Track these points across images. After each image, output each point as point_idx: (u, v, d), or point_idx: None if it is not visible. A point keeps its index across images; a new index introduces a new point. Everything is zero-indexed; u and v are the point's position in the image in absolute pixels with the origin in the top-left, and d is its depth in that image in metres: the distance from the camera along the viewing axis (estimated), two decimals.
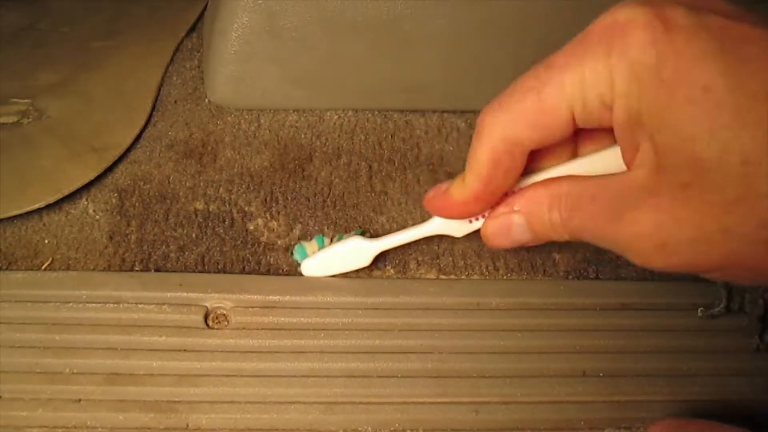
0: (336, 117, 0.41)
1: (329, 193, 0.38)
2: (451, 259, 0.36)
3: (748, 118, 0.22)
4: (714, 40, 0.22)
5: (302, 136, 0.40)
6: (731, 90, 0.22)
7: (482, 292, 0.34)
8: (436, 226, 0.32)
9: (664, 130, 0.23)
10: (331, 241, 0.35)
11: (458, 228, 0.31)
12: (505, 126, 0.27)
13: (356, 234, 0.34)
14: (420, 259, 0.36)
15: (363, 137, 0.40)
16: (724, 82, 0.22)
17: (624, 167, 0.26)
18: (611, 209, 0.26)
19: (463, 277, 0.35)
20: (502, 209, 0.29)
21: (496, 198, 0.29)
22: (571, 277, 0.36)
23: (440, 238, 0.36)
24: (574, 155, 0.29)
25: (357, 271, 0.34)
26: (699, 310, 0.34)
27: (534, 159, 0.29)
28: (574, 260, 0.36)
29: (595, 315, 0.34)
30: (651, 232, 0.24)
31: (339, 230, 0.37)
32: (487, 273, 0.35)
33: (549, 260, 0.36)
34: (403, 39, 0.39)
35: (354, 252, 0.34)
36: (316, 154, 0.39)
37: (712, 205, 0.23)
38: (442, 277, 0.35)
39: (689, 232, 0.24)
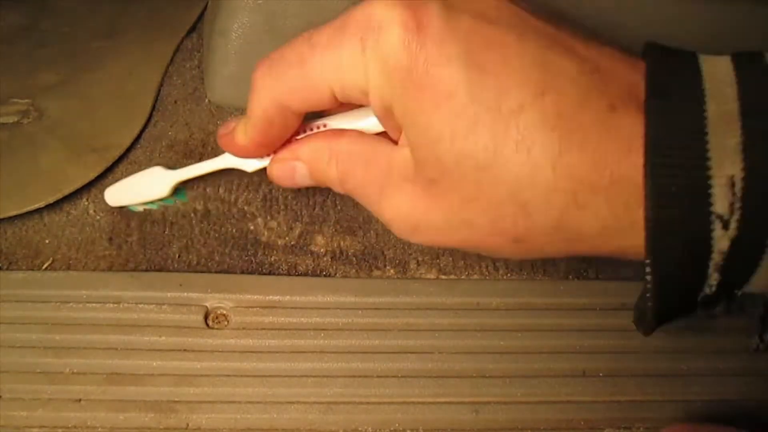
0: None
1: (329, 193, 0.38)
2: (451, 259, 0.36)
3: (481, 128, 0.23)
4: (462, 46, 0.24)
5: None
6: (470, 99, 0.23)
7: (482, 292, 0.34)
8: (228, 159, 0.33)
9: (415, 129, 0.25)
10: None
11: (248, 164, 0.33)
12: (272, 91, 0.28)
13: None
14: (420, 259, 0.36)
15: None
16: (465, 91, 0.23)
17: None
18: (378, 183, 0.28)
19: (463, 277, 0.35)
20: (285, 154, 0.31)
21: (275, 146, 0.31)
22: (571, 277, 0.36)
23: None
24: None
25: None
26: (700, 311, 0.34)
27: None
28: (574, 260, 0.36)
29: (595, 315, 0.34)
30: (406, 215, 0.27)
31: (339, 230, 0.36)
32: (487, 273, 0.35)
33: (549, 260, 0.36)
34: None
35: (153, 179, 0.35)
36: None
37: (453, 201, 0.25)
38: (442, 277, 0.35)
39: (437, 220, 0.26)
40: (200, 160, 0.39)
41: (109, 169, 0.38)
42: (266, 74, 0.28)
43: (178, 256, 0.35)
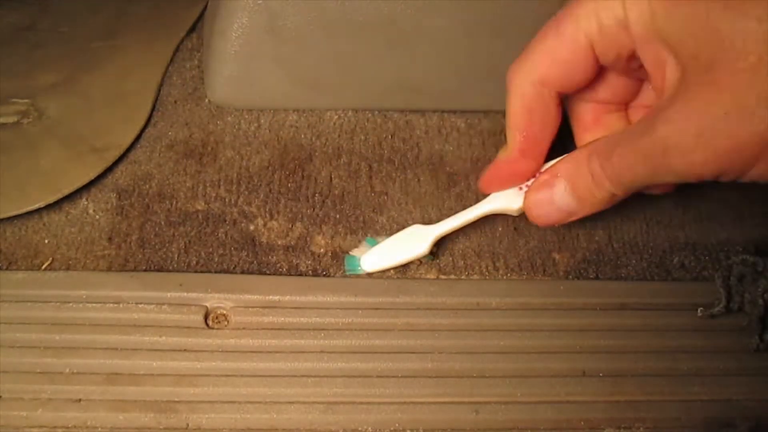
0: (336, 117, 0.41)
1: (329, 193, 0.38)
2: (451, 259, 0.36)
3: None
4: None
5: (302, 136, 0.40)
6: None
7: (482, 292, 0.34)
8: (491, 201, 0.32)
9: (679, 21, 0.24)
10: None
11: (513, 200, 0.31)
12: (529, 70, 0.28)
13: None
14: (420, 259, 0.36)
15: (363, 137, 0.40)
16: None
17: None
18: (646, 125, 0.25)
19: (463, 277, 0.35)
20: (544, 176, 0.30)
21: (540, 152, 0.30)
22: (571, 277, 0.36)
23: (440, 239, 0.36)
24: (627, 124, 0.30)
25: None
26: (699, 310, 0.34)
27: (584, 132, 0.31)
28: (574, 260, 0.36)
29: (595, 315, 0.34)
30: (686, 122, 0.24)
31: (339, 230, 0.36)
32: (487, 273, 0.35)
33: (549, 260, 0.36)
34: (403, 39, 0.39)
35: (412, 239, 0.34)
36: (316, 154, 0.39)
37: (740, 72, 0.22)
38: (442, 277, 0.35)
39: (724, 107, 0.23)
40: (200, 160, 0.39)
41: (109, 169, 0.38)
42: (519, 61, 0.28)
43: (178, 256, 0.35)
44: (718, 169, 0.24)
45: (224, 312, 0.33)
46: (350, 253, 0.35)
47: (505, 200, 0.32)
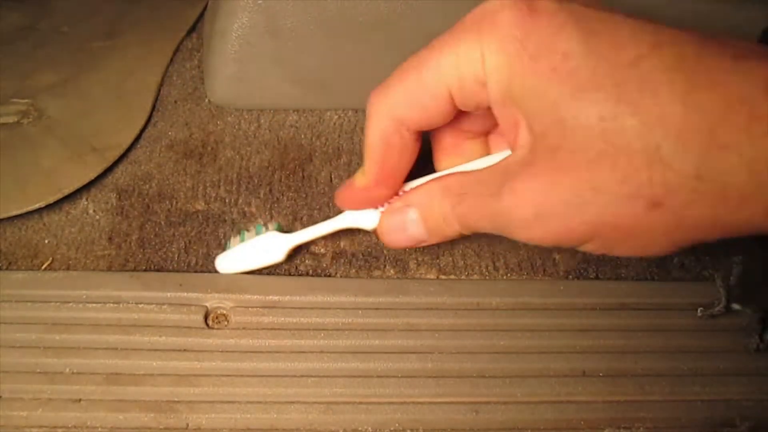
0: (336, 117, 0.41)
1: (329, 193, 0.38)
2: (451, 259, 0.36)
3: (601, 79, 0.23)
4: (572, 18, 0.24)
5: (302, 136, 0.40)
6: (587, 55, 0.24)
7: (482, 292, 0.34)
8: (346, 218, 0.33)
9: (533, 98, 0.25)
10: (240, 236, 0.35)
11: (368, 219, 0.32)
12: (390, 106, 0.28)
13: (274, 228, 0.34)
14: (420, 259, 0.36)
15: (363, 137, 0.40)
16: (581, 49, 0.24)
17: None
18: (494, 186, 0.27)
19: (463, 277, 0.35)
20: (397, 204, 0.31)
21: (395, 182, 0.30)
22: (571, 277, 0.36)
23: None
24: (486, 153, 0.31)
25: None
26: (699, 310, 0.34)
27: (444, 157, 0.31)
28: (574, 260, 0.36)
29: (595, 315, 0.34)
30: (528, 199, 0.26)
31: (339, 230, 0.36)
32: (487, 273, 0.35)
33: (549, 260, 0.36)
34: (403, 39, 0.39)
35: (268, 246, 0.34)
36: (316, 154, 0.39)
37: (579, 164, 0.24)
38: (442, 277, 0.35)
39: (562, 194, 0.25)
40: (200, 160, 0.39)
41: (109, 169, 0.38)
42: (380, 94, 0.28)
43: (178, 256, 0.35)
44: (553, 243, 0.26)
45: (224, 312, 0.33)
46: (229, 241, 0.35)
47: (361, 218, 0.32)
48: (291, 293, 0.33)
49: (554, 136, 0.24)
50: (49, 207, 0.36)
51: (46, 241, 0.36)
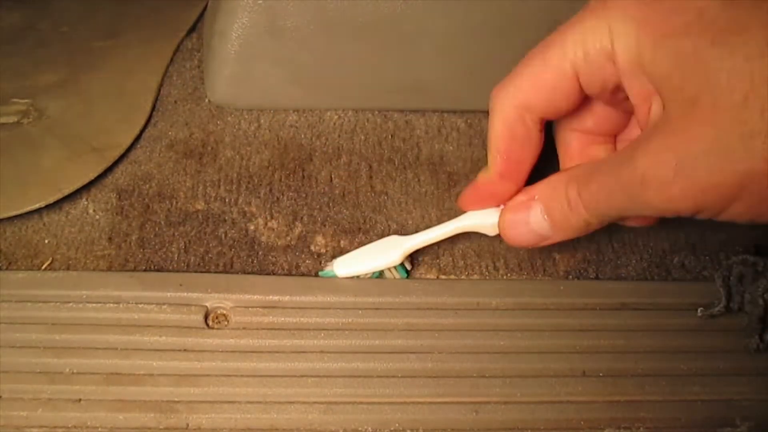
0: (336, 117, 0.41)
1: (329, 193, 0.38)
2: (451, 259, 0.36)
3: (744, 23, 0.22)
4: None
5: (302, 136, 0.40)
6: (725, 7, 0.23)
7: (482, 292, 0.34)
8: (467, 219, 0.32)
9: (666, 56, 0.24)
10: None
11: (490, 219, 0.31)
12: (513, 94, 0.28)
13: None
14: (420, 259, 0.36)
15: (363, 137, 0.40)
16: (718, 3, 0.23)
17: None
18: (626, 155, 0.25)
19: (463, 277, 0.35)
20: (520, 197, 0.30)
21: (520, 176, 0.30)
22: (571, 277, 0.36)
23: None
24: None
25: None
26: (699, 310, 0.34)
27: (566, 166, 0.30)
28: (574, 260, 0.36)
29: (595, 315, 0.34)
30: (665, 156, 0.24)
31: (339, 230, 0.36)
32: (487, 273, 0.35)
33: (549, 260, 0.36)
34: (403, 39, 0.39)
35: (386, 249, 0.34)
36: (316, 154, 0.39)
37: (723, 109, 0.22)
38: (442, 277, 0.35)
39: (705, 144, 0.23)
40: (200, 160, 0.39)
41: (109, 169, 0.38)
42: (506, 84, 0.28)
43: (178, 256, 0.35)
44: (695, 205, 0.24)
45: (224, 312, 0.33)
46: (324, 269, 0.35)
47: (482, 218, 0.32)
48: (291, 293, 0.33)
49: (693, 85, 0.23)
50: (49, 207, 0.36)
51: (46, 241, 0.36)
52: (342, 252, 0.36)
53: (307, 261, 0.35)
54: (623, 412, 0.31)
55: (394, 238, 0.34)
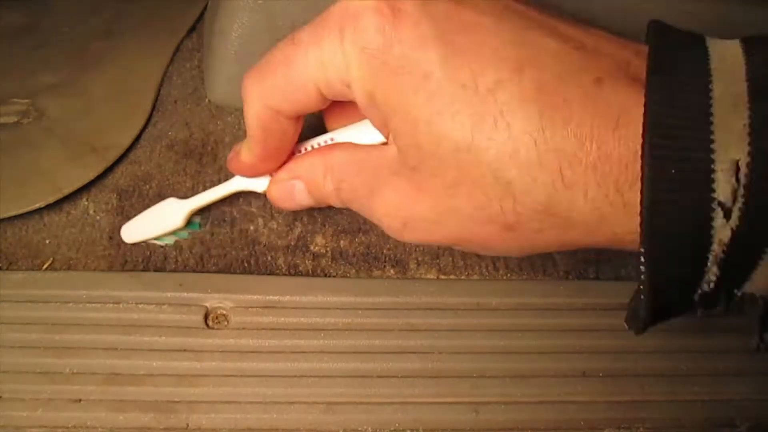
0: None
1: None
2: (451, 259, 0.36)
3: (458, 108, 0.23)
4: (437, 27, 0.23)
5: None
6: (446, 79, 0.23)
7: (482, 292, 0.34)
8: (238, 182, 0.34)
9: (395, 114, 0.25)
10: None
11: (259, 184, 0.33)
12: (263, 96, 0.28)
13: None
14: (420, 259, 0.36)
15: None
16: (441, 71, 0.23)
17: None
18: (368, 184, 0.28)
19: (463, 277, 0.35)
20: (283, 174, 0.31)
21: (281, 156, 0.31)
22: (571, 277, 0.36)
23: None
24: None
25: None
26: (699, 311, 0.34)
27: (333, 117, 0.31)
28: (574, 260, 0.36)
29: (595, 315, 0.34)
30: (395, 211, 0.27)
31: (339, 230, 0.36)
32: (487, 273, 0.35)
33: (549, 260, 0.36)
34: None
35: (167, 212, 0.35)
36: None
37: (436, 188, 0.25)
38: (442, 277, 0.35)
39: (422, 212, 0.26)
40: (200, 160, 0.39)
41: (109, 169, 0.38)
42: (254, 81, 0.28)
43: (178, 257, 0.35)
44: (423, 245, 0.30)
45: (224, 312, 0.33)
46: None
47: (252, 183, 0.33)
48: (291, 293, 0.33)
49: (415, 156, 0.25)
50: (50, 207, 0.36)
51: (47, 242, 0.36)
52: (342, 254, 0.36)
53: (307, 261, 0.35)
54: (623, 412, 0.31)
55: (173, 202, 0.35)
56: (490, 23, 0.23)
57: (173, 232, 0.35)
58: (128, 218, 0.36)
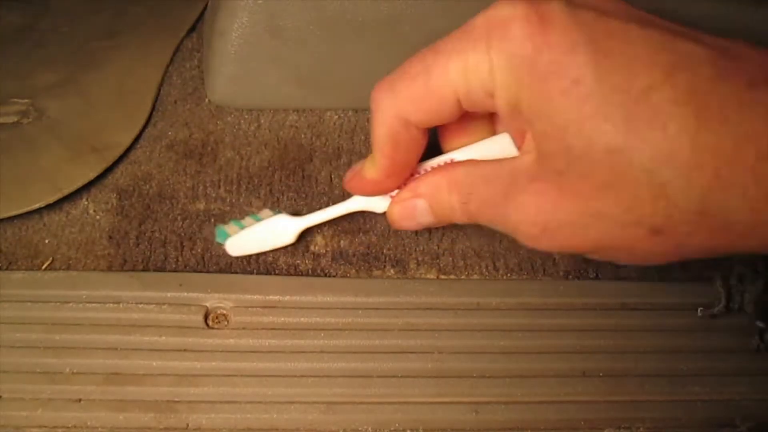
0: (336, 117, 0.41)
1: (329, 193, 0.38)
2: (451, 259, 0.36)
3: (611, 109, 0.23)
4: (585, 34, 0.24)
5: (302, 136, 0.40)
6: (598, 83, 0.23)
7: (482, 292, 0.34)
8: (356, 202, 0.33)
9: (541, 119, 0.25)
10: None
11: (379, 204, 0.33)
12: (397, 107, 0.28)
13: (275, 213, 0.35)
14: (420, 259, 0.36)
15: (363, 137, 0.40)
16: (592, 75, 0.23)
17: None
18: (501, 193, 0.27)
19: (463, 277, 0.35)
20: (405, 194, 0.31)
21: (406, 172, 0.31)
22: (571, 277, 0.36)
23: (440, 238, 0.36)
24: (492, 133, 0.31)
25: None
26: (699, 310, 0.34)
27: (450, 137, 0.31)
28: (574, 260, 0.36)
29: (595, 315, 0.34)
30: (534, 217, 0.26)
31: (339, 230, 0.36)
32: (487, 273, 0.35)
33: (549, 260, 0.36)
34: (403, 39, 0.39)
35: (278, 229, 0.34)
36: (316, 154, 0.39)
37: (584, 190, 0.24)
38: (442, 277, 0.35)
39: (566, 216, 0.25)
40: (200, 160, 0.39)
41: (109, 169, 0.38)
42: (387, 90, 0.28)
43: (178, 256, 0.35)
44: (559, 252, 0.29)
45: (224, 312, 0.33)
46: (220, 225, 0.35)
47: (371, 202, 0.33)
48: (291, 293, 0.33)
49: (560, 160, 0.25)
50: (49, 207, 0.36)
51: (47, 241, 0.36)
52: (342, 254, 0.36)
53: (307, 261, 0.35)
54: (623, 412, 0.31)
55: (284, 218, 0.34)
56: (636, 30, 0.24)
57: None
58: (128, 218, 0.36)
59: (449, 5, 0.37)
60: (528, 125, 0.26)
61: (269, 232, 0.34)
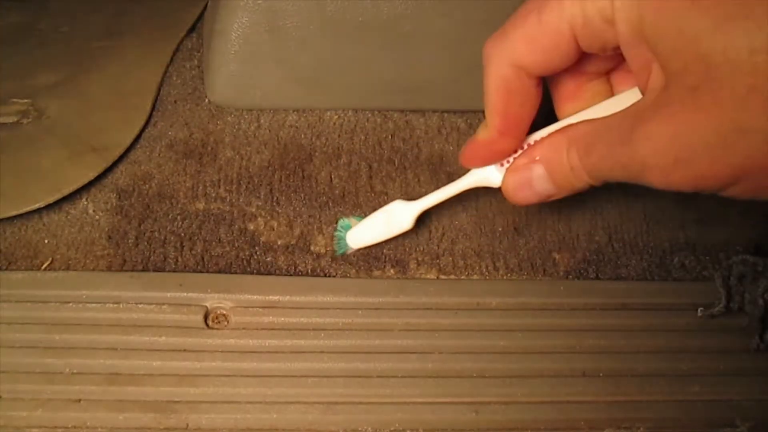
0: (336, 117, 0.41)
1: (329, 193, 0.38)
2: (451, 259, 0.36)
3: (745, 11, 0.21)
4: None
5: (302, 136, 0.40)
6: None
7: (482, 292, 0.34)
8: (472, 177, 0.32)
9: (667, 34, 0.23)
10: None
11: (493, 176, 0.31)
12: (508, 52, 0.27)
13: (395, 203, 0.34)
14: (420, 259, 0.36)
15: (363, 137, 0.40)
16: None
17: None
18: (625, 131, 0.25)
19: (463, 277, 0.35)
20: (521, 160, 0.29)
21: (519, 132, 0.29)
22: (571, 277, 0.36)
23: (439, 238, 0.36)
24: (609, 95, 0.29)
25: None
26: (699, 310, 0.34)
27: (565, 101, 0.29)
28: (574, 260, 0.36)
29: (595, 315, 0.34)
30: (665, 144, 0.23)
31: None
32: (487, 273, 0.35)
33: (549, 260, 0.36)
34: (403, 39, 0.39)
35: (396, 215, 0.34)
36: (316, 154, 0.39)
37: (725, 102, 0.22)
38: (442, 277, 0.35)
39: (705, 136, 0.22)
40: (200, 160, 0.39)
41: (109, 169, 0.38)
42: (498, 37, 0.27)
43: (178, 257, 0.35)
44: (694, 188, 0.24)
45: (224, 312, 0.33)
46: (345, 219, 0.35)
47: (486, 176, 0.31)
48: (291, 293, 0.33)
49: (695, 73, 0.22)
50: (49, 207, 0.36)
51: (46, 241, 0.36)
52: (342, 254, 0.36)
53: (307, 261, 0.35)
54: (623, 412, 0.31)
55: (400, 204, 0.34)
56: None
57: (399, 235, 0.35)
58: (128, 218, 0.36)
59: (449, 5, 0.37)
60: (653, 48, 0.24)
61: (387, 219, 0.34)
